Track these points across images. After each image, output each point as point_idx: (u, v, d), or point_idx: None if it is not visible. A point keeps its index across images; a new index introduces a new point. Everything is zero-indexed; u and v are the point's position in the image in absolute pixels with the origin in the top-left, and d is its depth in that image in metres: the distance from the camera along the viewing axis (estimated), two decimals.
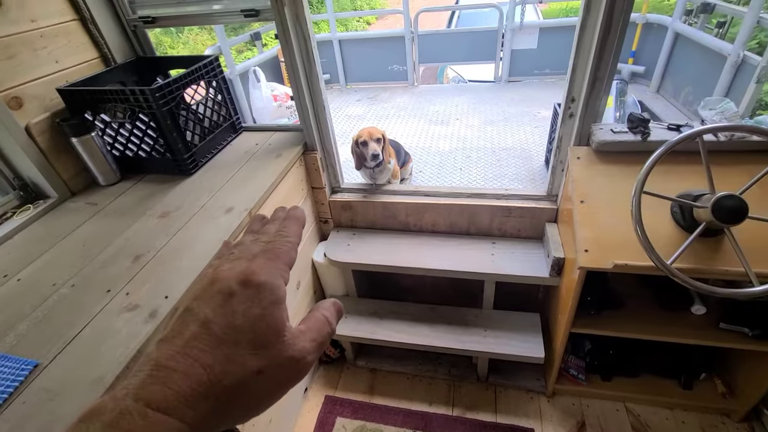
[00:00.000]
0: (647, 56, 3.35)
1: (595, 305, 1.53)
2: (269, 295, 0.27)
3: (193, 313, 0.26)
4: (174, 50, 8.78)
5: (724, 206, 1.07)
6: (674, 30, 2.96)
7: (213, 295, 0.27)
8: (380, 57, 3.67)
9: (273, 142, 1.69)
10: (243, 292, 0.27)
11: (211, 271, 0.29)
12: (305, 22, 1.39)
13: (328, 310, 0.32)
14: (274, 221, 0.36)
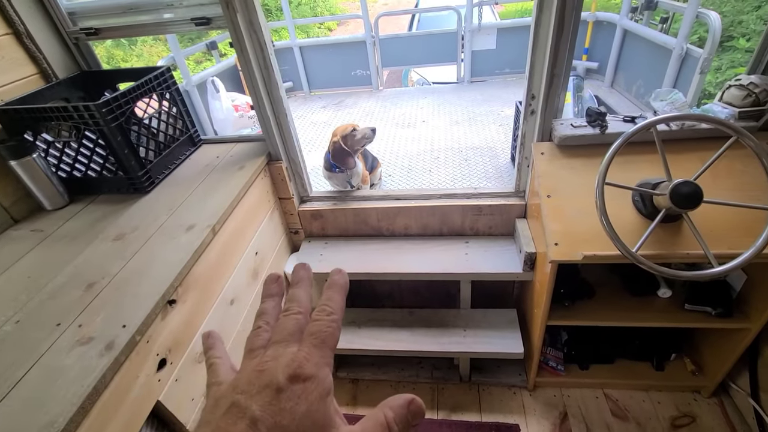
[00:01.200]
0: (600, 52, 3.49)
1: (568, 297, 1.56)
2: (316, 388, 0.26)
3: (240, 409, 0.25)
4: (127, 63, 8.43)
5: (681, 192, 1.11)
6: (622, 27, 3.11)
7: (260, 389, 0.25)
8: (343, 62, 3.65)
9: (235, 153, 1.63)
10: (291, 387, 0.25)
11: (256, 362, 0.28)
12: (260, 30, 1.34)
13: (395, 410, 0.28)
14: (297, 284, 0.34)
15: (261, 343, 0.30)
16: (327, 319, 0.30)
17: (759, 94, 1.30)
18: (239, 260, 1.41)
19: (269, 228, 1.65)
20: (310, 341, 0.28)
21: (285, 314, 0.31)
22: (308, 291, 0.34)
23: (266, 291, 0.35)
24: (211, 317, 1.23)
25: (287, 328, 0.30)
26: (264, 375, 0.26)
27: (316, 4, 12.66)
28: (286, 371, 0.26)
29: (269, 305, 0.33)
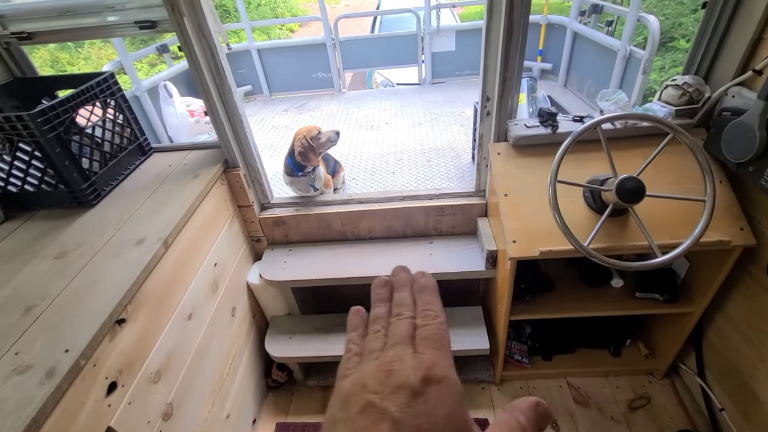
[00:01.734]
0: (552, 54, 3.64)
1: (529, 291, 1.61)
2: (452, 391, 0.26)
3: (378, 410, 0.25)
4: (74, 67, 7.95)
5: (626, 188, 1.17)
6: (572, 29, 3.25)
7: (394, 390, 0.26)
8: (303, 65, 3.60)
9: (189, 162, 1.57)
10: (427, 390, 0.26)
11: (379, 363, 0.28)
12: (209, 33, 1.30)
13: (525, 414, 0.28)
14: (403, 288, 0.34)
15: (379, 346, 0.31)
16: (436, 323, 0.31)
17: (692, 93, 1.40)
18: (197, 273, 1.35)
19: (229, 237, 1.60)
20: (429, 344, 0.29)
21: (398, 318, 0.32)
22: (412, 294, 0.34)
23: (376, 296, 0.35)
24: (167, 334, 1.17)
25: (403, 331, 0.30)
26: (394, 376, 0.26)
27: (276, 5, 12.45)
28: (417, 373, 0.26)
29: (382, 310, 0.34)
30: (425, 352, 0.28)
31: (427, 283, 0.34)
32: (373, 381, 0.27)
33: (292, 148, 1.79)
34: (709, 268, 1.44)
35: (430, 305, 0.32)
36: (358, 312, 0.35)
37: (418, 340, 0.29)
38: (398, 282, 0.35)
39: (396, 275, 0.36)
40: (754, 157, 1.14)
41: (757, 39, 1.25)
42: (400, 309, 0.33)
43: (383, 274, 1.17)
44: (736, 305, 1.45)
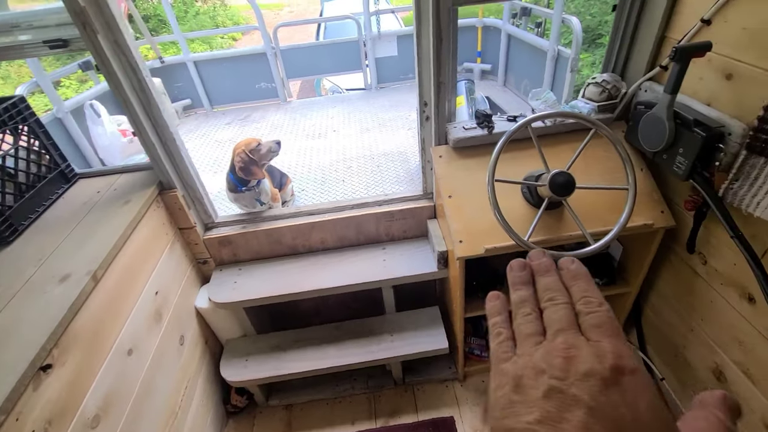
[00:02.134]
0: (491, 55, 3.78)
1: (481, 287, 1.66)
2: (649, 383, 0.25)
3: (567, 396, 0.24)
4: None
5: (557, 182, 1.24)
6: (506, 31, 3.40)
7: (581, 378, 0.25)
8: (245, 76, 3.50)
9: (119, 186, 1.47)
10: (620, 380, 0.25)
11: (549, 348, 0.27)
12: (129, 50, 1.23)
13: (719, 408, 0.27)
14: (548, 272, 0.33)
15: (537, 329, 0.30)
16: (603, 310, 0.29)
17: (611, 89, 1.50)
18: (135, 304, 1.27)
19: (170, 263, 1.51)
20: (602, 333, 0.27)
21: (553, 303, 0.31)
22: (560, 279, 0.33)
23: (517, 278, 0.34)
24: (103, 374, 1.09)
25: (565, 317, 0.29)
26: (576, 363, 0.26)
27: (216, 13, 12.02)
28: (604, 362, 0.25)
29: (527, 292, 0.32)
30: (601, 340, 0.27)
31: (579, 270, 0.33)
32: (551, 366, 0.26)
33: (233, 164, 1.73)
34: (640, 251, 1.55)
35: (589, 292, 0.31)
36: (498, 297, 0.35)
37: (587, 327, 0.28)
38: (541, 266, 0.34)
39: (537, 259, 0.35)
40: (666, 146, 1.24)
41: (661, 38, 1.36)
42: (552, 294, 0.32)
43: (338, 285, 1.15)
44: (666, 282, 1.58)
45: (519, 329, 0.31)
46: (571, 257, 0.34)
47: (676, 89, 1.15)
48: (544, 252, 0.36)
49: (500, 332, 0.32)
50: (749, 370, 1.24)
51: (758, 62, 1.03)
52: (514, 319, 0.33)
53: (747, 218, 1.09)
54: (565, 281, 0.33)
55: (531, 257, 0.36)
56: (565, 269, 0.33)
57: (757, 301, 1.16)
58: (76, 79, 7.72)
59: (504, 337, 0.32)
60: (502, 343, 0.31)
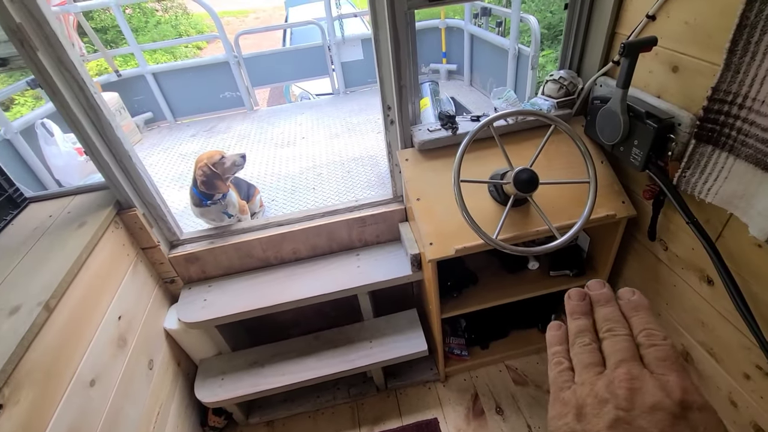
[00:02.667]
0: (456, 55, 3.83)
1: (455, 288, 1.67)
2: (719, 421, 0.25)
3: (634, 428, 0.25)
4: None
5: (521, 179, 1.25)
6: (468, 31, 3.45)
7: (648, 410, 0.25)
8: (208, 85, 3.41)
9: (74, 208, 1.40)
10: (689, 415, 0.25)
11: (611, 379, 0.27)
12: (73, 66, 1.17)
13: None
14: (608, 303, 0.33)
15: (597, 360, 0.30)
16: (667, 344, 0.29)
17: (568, 86, 1.54)
18: (96, 332, 1.21)
19: (134, 285, 1.45)
20: (668, 366, 0.28)
21: (613, 333, 0.31)
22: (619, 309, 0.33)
23: (576, 308, 0.34)
24: (63, 409, 1.03)
25: (628, 348, 0.30)
26: (641, 394, 0.26)
27: (178, 23, 11.72)
28: (673, 396, 0.26)
29: (586, 322, 0.33)
30: (666, 374, 0.27)
31: (641, 302, 0.33)
32: (615, 396, 0.27)
33: (195, 177, 1.68)
34: (606, 241, 1.59)
35: (651, 325, 0.31)
36: (560, 327, 0.35)
37: (651, 360, 0.29)
38: (601, 297, 0.34)
39: (596, 290, 0.35)
40: (622, 139, 1.28)
41: (611, 34, 1.40)
42: (611, 324, 0.32)
43: (313, 295, 1.13)
44: (633, 270, 1.63)
45: (578, 358, 0.31)
46: (631, 288, 0.35)
47: (627, 83, 1.18)
48: (603, 283, 0.36)
49: (560, 361, 0.33)
50: (713, 350, 1.29)
51: (700, 54, 1.07)
52: (571, 347, 0.33)
53: (700, 204, 1.14)
54: (624, 312, 0.33)
55: (590, 287, 0.36)
56: (625, 300, 0.34)
57: (715, 283, 1.20)
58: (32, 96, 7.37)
59: (564, 367, 0.32)
60: (563, 372, 0.32)
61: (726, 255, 1.10)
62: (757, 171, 0.94)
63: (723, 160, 1.02)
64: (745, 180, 0.97)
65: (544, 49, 6.26)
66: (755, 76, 0.89)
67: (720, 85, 0.97)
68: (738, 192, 1.00)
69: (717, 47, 0.98)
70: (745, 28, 0.88)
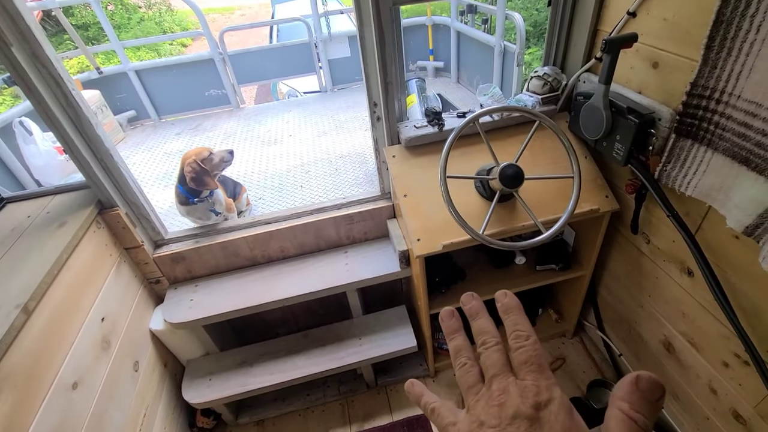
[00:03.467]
0: (443, 52, 3.84)
1: (443, 284, 1.67)
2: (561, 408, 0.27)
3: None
4: None
5: (507, 174, 1.26)
6: (455, 28, 3.46)
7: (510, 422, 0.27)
8: (193, 83, 3.36)
9: (53, 208, 1.37)
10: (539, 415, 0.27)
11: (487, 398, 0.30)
12: (50, 61, 1.14)
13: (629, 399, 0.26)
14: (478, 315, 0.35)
15: (476, 379, 0.32)
16: (529, 343, 0.31)
17: (552, 82, 1.56)
18: (78, 334, 1.18)
19: (117, 286, 1.42)
20: (529, 369, 0.30)
21: (486, 347, 0.33)
22: (490, 319, 0.35)
23: (450, 327, 0.36)
24: (44, 414, 1.00)
25: (498, 360, 0.31)
26: (506, 409, 0.28)
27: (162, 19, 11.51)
28: (526, 402, 0.28)
29: (461, 341, 0.35)
30: (526, 377, 0.29)
31: (510, 303, 0.34)
32: (489, 416, 0.29)
33: (182, 175, 1.65)
34: (590, 235, 1.61)
35: (518, 325, 0.32)
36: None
37: (517, 365, 0.30)
38: (471, 310, 0.36)
39: (467, 304, 0.36)
40: (605, 134, 1.29)
41: (594, 30, 1.42)
42: (483, 337, 0.33)
43: (301, 293, 1.12)
44: (616, 263, 1.66)
45: (460, 381, 0.33)
46: (504, 291, 0.36)
47: (609, 79, 1.20)
48: (473, 295, 0.37)
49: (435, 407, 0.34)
50: (693, 339, 1.32)
51: (679, 50, 1.09)
52: (455, 370, 0.34)
53: (680, 197, 1.16)
54: (501, 316, 0.34)
55: (462, 302, 0.37)
56: (499, 304, 0.35)
57: (695, 274, 1.23)
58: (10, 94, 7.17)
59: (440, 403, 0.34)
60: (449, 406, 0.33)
61: (705, 247, 1.13)
62: (734, 164, 0.96)
63: (702, 153, 1.04)
64: (722, 173, 1.00)
65: (530, 46, 6.32)
66: (731, 71, 0.91)
67: (698, 80, 0.99)
68: (716, 185, 1.02)
69: (695, 43, 1.00)
70: (722, 25, 0.90)
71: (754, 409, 1.15)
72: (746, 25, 0.85)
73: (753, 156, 0.91)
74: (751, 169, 0.92)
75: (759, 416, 1.14)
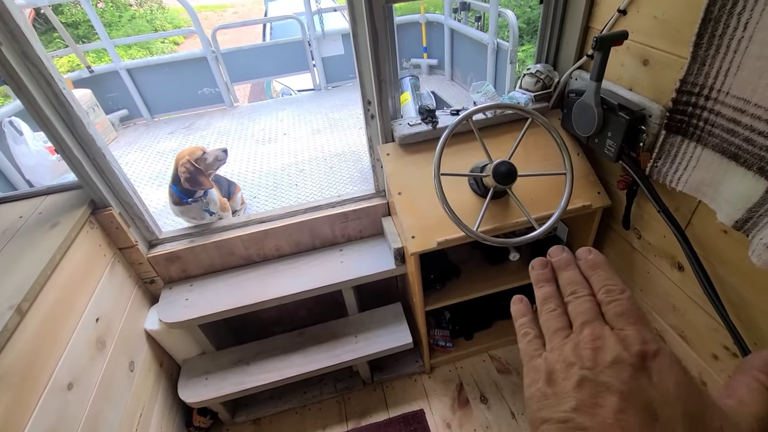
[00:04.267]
0: (436, 50, 3.84)
1: (438, 280, 1.68)
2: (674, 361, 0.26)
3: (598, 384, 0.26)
4: None
5: (500, 171, 1.27)
6: (448, 26, 3.47)
7: (609, 366, 0.26)
8: (186, 82, 3.34)
9: (45, 209, 1.36)
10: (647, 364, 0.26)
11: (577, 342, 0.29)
12: (41, 60, 1.13)
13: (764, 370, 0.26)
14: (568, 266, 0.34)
15: (563, 324, 0.31)
16: (624, 297, 0.30)
17: (544, 79, 1.57)
18: (72, 334, 1.18)
19: (112, 286, 1.42)
20: (625, 320, 0.29)
21: (576, 296, 0.32)
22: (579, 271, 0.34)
23: (539, 276, 0.35)
24: (39, 415, 1.00)
25: (590, 308, 0.31)
26: (603, 353, 0.27)
27: (154, 17, 11.39)
28: (631, 349, 0.27)
29: (550, 288, 0.34)
30: (625, 328, 0.28)
31: (598, 259, 0.34)
32: (580, 358, 0.28)
33: (175, 175, 1.64)
34: (583, 231, 1.63)
35: (610, 280, 0.32)
36: (521, 300, 0.36)
37: (611, 317, 0.30)
38: (561, 261, 0.35)
39: (556, 255, 0.36)
40: (597, 131, 1.31)
41: (585, 28, 1.43)
42: (574, 287, 0.33)
43: (296, 291, 1.13)
44: (609, 258, 1.66)
45: (546, 325, 0.33)
46: (588, 247, 0.36)
47: (601, 76, 1.21)
48: (563, 248, 0.37)
49: (527, 332, 0.34)
50: (684, 333, 1.34)
51: (669, 48, 1.10)
52: (540, 315, 0.34)
53: (671, 193, 1.18)
54: (584, 272, 0.34)
55: (550, 253, 0.37)
56: (583, 259, 0.35)
57: (686, 269, 1.25)
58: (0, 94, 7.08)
59: (532, 336, 0.33)
60: (531, 342, 0.33)
61: (695, 241, 1.15)
62: (723, 159, 0.98)
63: (692, 149, 1.06)
64: (712, 168, 1.01)
65: (523, 44, 6.34)
66: (720, 68, 0.93)
67: (687, 77, 1.00)
68: (706, 180, 1.04)
69: (684, 41, 1.01)
70: (710, 22, 0.91)
71: None
72: (734, 23, 0.86)
73: (741, 151, 0.92)
74: (740, 164, 0.93)
75: None
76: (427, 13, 3.72)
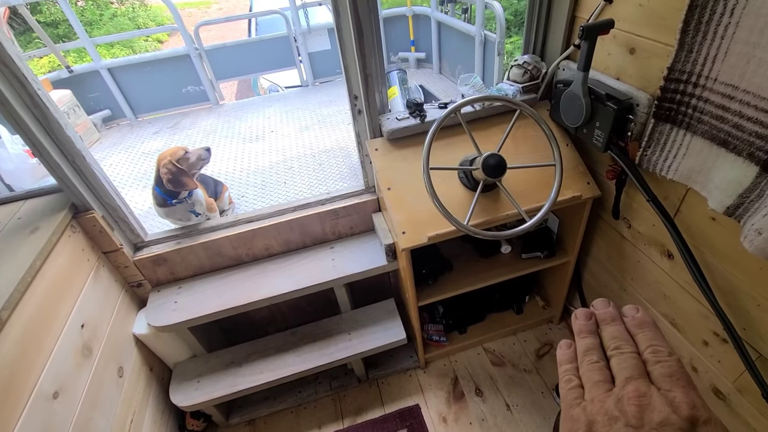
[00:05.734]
0: (424, 43, 3.81)
1: (430, 275, 1.68)
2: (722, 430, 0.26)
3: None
4: None
5: (489, 164, 1.26)
6: (435, 18, 3.43)
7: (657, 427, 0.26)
8: (169, 80, 3.26)
9: (25, 214, 1.32)
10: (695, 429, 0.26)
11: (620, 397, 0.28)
12: (11, 60, 1.09)
13: None
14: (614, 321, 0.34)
15: (605, 377, 0.31)
16: (673, 360, 0.30)
17: (532, 70, 1.55)
18: (56, 342, 1.15)
19: (97, 291, 1.38)
20: (674, 383, 0.28)
21: (621, 351, 0.31)
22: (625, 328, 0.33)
23: (583, 327, 0.35)
24: (24, 425, 0.97)
25: (635, 365, 0.30)
26: (649, 412, 0.27)
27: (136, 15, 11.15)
28: (680, 412, 0.26)
29: (593, 341, 0.34)
30: (673, 390, 0.28)
31: (645, 319, 0.33)
32: (624, 413, 0.27)
33: (158, 177, 1.61)
34: (573, 221, 1.63)
35: (657, 341, 0.31)
36: (570, 346, 0.35)
37: (658, 377, 0.29)
38: (606, 315, 0.35)
39: (601, 309, 0.35)
40: (585, 121, 1.30)
41: (572, 18, 1.42)
42: (618, 342, 0.32)
43: (287, 291, 1.09)
44: (599, 248, 1.68)
45: (587, 375, 0.32)
46: (635, 305, 0.35)
47: (588, 66, 1.20)
48: (608, 302, 0.36)
49: (571, 379, 0.33)
50: (675, 320, 1.35)
51: (655, 36, 1.10)
52: (580, 365, 0.33)
53: (660, 182, 1.18)
54: (629, 329, 0.34)
55: (595, 305, 0.36)
56: (630, 317, 0.34)
57: (675, 257, 1.26)
58: None
59: (574, 384, 0.33)
60: (572, 390, 0.32)
61: (684, 230, 1.15)
62: (713, 146, 0.97)
63: (681, 137, 1.06)
64: (702, 155, 1.01)
65: (511, 35, 6.33)
66: (707, 54, 0.92)
67: (675, 65, 1.00)
68: (696, 167, 1.04)
69: (670, 28, 1.01)
70: (696, 9, 0.91)
71: (732, 385, 1.19)
72: (720, 9, 0.86)
73: (731, 138, 0.92)
74: (730, 150, 0.93)
75: (737, 391, 1.18)
76: (413, 6, 3.69)
